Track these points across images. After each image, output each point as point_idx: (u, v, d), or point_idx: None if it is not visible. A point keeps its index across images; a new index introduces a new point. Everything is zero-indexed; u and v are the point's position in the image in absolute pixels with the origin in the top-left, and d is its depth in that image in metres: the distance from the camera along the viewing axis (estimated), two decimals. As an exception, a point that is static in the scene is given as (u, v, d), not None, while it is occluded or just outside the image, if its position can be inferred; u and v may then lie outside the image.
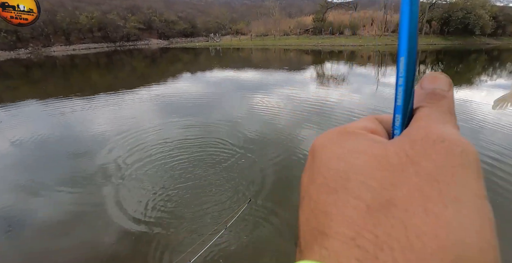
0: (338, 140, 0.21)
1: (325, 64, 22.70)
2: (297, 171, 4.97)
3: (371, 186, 0.17)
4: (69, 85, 15.69)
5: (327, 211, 0.17)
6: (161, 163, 5.27)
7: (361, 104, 9.56)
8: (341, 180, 0.18)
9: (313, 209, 0.18)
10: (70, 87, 14.71)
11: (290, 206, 4.02)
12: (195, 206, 4.05)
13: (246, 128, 6.96)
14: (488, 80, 15.50)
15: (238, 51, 38.93)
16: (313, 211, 0.18)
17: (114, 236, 3.49)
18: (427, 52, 31.48)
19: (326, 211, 0.17)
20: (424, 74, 0.25)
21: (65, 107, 9.59)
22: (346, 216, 0.17)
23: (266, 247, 3.31)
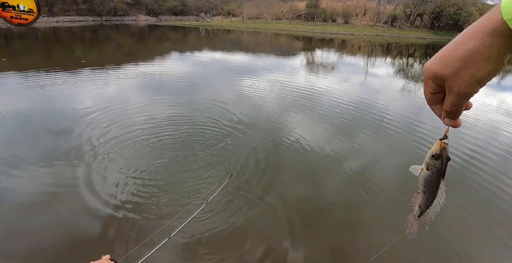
0: None
1: (316, 52, 22.58)
2: (278, 149, 5.00)
3: None
4: (51, 59, 15.04)
5: None
6: (145, 138, 5.19)
7: (348, 93, 9.60)
8: None
9: None
10: (52, 61, 14.11)
11: (270, 181, 4.06)
12: (176, 181, 4.04)
13: (233, 110, 6.90)
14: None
15: (229, 33, 38.12)
16: None
17: (92, 210, 3.45)
18: (416, 46, 31.73)
19: None
20: (411, 67, 0.27)
21: (46, 81, 9.21)
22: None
23: (248, 224, 3.34)
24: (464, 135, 6.44)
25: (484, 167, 5.15)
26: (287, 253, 3.06)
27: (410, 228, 0.75)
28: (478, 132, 6.75)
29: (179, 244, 3.07)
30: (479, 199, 4.30)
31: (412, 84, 12.47)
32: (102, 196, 3.74)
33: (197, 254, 2.99)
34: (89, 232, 3.17)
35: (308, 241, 3.25)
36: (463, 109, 0.51)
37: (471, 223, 3.77)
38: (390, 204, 4.05)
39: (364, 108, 7.96)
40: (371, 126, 6.71)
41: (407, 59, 21.57)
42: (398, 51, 26.42)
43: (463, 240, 3.45)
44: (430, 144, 5.86)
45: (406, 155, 5.50)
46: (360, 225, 3.59)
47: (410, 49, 28.70)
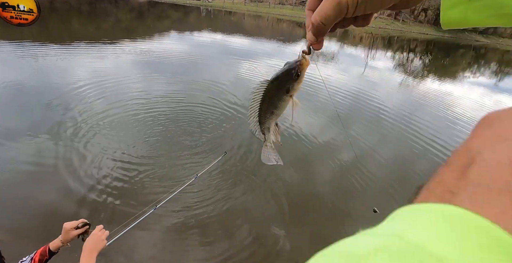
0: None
1: (317, 40, 22.27)
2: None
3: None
4: (46, 30, 14.60)
5: None
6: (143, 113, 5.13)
7: (347, 83, 9.56)
8: None
9: None
10: (48, 33, 13.70)
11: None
12: (169, 156, 4.02)
13: (232, 92, 6.83)
14: (470, 76, 15.88)
15: (230, 15, 37.35)
16: None
17: (76, 186, 3.43)
18: (417, 41, 31.57)
19: None
20: (411, 62, 0.25)
21: (40, 52, 8.96)
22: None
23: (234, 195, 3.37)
24: (460, 134, 6.51)
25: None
26: (274, 236, 3.10)
27: (271, 157, 0.64)
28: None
29: (166, 215, 3.09)
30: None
31: (411, 79, 12.46)
32: (90, 172, 3.71)
33: (184, 227, 3.02)
34: (72, 208, 3.16)
35: (296, 226, 3.29)
36: (328, 28, 0.45)
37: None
38: (381, 193, 4.10)
39: (361, 100, 7.96)
40: (367, 118, 6.73)
41: (407, 54, 21.48)
42: (399, 46, 26.27)
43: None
44: (425, 137, 5.93)
45: (400, 147, 5.54)
46: (350, 213, 3.64)
47: (411, 44, 28.54)
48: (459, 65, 19.32)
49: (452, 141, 5.96)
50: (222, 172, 3.99)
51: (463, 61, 21.65)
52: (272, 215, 3.41)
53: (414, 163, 5.12)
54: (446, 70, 16.71)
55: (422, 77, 13.33)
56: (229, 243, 2.96)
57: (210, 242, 2.93)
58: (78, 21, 19.87)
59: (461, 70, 17.68)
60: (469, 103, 9.51)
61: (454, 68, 17.63)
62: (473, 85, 13.35)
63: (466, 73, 16.95)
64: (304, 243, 3.09)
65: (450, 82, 12.99)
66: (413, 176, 4.71)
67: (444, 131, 6.53)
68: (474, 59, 23.37)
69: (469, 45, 34.70)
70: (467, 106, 8.96)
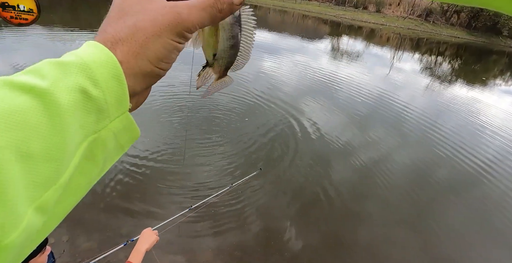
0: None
1: (343, 38, 21.82)
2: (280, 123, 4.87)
3: (129, 12, 0.31)
4: (76, 18, 14.90)
5: (110, 22, 0.31)
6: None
7: (370, 84, 9.26)
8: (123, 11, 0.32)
9: (107, 22, 0.32)
10: (78, 20, 13.98)
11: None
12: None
13: (252, 86, 6.71)
14: (502, 84, 15.14)
15: (256, 8, 37.04)
16: (107, 21, 0.32)
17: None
18: (448, 44, 30.39)
19: (109, 22, 0.31)
20: (440, 66, 0.25)
21: (68, 37, 9.12)
22: (114, 28, 0.30)
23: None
24: (486, 143, 6.18)
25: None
26: (286, 234, 3.01)
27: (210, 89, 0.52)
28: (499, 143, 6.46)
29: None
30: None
31: (437, 84, 11.97)
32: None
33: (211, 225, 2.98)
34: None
35: (307, 223, 3.18)
36: None
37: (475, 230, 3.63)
38: (396, 199, 3.93)
39: (383, 102, 7.68)
40: (388, 121, 6.48)
41: (436, 57, 20.69)
42: (427, 48, 25.34)
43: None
44: (448, 146, 5.63)
45: (419, 154, 5.30)
46: (363, 215, 3.49)
47: (441, 47, 27.51)
48: (491, 72, 18.45)
49: (478, 148, 5.66)
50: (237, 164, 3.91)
51: (495, 68, 20.65)
52: (282, 210, 3.30)
53: (434, 168, 4.88)
54: (476, 76, 15.98)
55: (450, 82, 12.79)
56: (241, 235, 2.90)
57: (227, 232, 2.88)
58: (106, 10, 20.16)
59: (492, 77, 16.87)
60: (498, 112, 9.03)
61: (484, 75, 16.84)
62: (504, 93, 12.70)
63: (498, 80, 16.15)
64: (315, 240, 2.98)
65: (479, 89, 12.40)
66: (432, 182, 4.49)
67: (470, 139, 6.21)
68: (507, 67, 22.25)
69: (503, 51, 33.09)
70: (495, 115, 8.52)
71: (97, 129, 0.27)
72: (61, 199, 0.25)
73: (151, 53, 0.31)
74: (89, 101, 0.26)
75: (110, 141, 0.29)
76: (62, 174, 0.24)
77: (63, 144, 0.24)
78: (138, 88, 0.32)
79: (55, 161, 0.23)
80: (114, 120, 0.29)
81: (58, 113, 0.23)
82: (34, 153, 0.22)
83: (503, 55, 30.00)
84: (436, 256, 3.15)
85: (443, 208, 4.00)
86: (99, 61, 0.27)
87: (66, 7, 17.40)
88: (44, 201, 0.23)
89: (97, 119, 0.27)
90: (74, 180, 0.26)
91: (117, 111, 0.28)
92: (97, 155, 0.28)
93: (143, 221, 2.93)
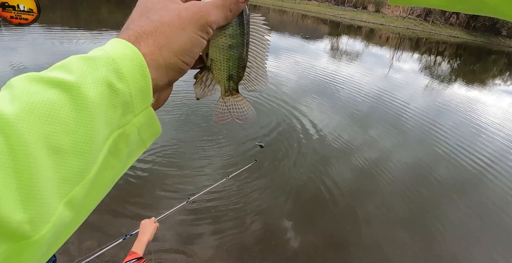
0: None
1: (342, 38, 21.83)
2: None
3: (154, 14, 0.32)
4: (75, 17, 14.89)
5: (133, 20, 0.33)
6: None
7: (369, 84, 9.26)
8: (146, 10, 0.33)
9: (130, 21, 0.34)
10: (77, 20, 13.96)
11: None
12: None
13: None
14: (501, 84, 15.17)
15: (255, 8, 37.06)
16: (130, 20, 0.34)
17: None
18: (447, 44, 30.44)
19: (134, 20, 0.33)
20: (439, 65, 0.25)
21: (67, 37, 9.11)
22: (138, 24, 0.32)
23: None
24: (485, 142, 6.19)
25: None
26: (286, 233, 3.01)
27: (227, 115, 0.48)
28: (499, 141, 6.47)
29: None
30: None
31: (436, 83, 11.99)
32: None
33: (206, 217, 2.97)
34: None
35: (308, 224, 3.18)
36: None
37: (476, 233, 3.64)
38: (397, 198, 3.93)
39: (382, 102, 7.68)
40: (388, 121, 6.48)
41: (435, 57, 20.72)
42: (427, 48, 25.37)
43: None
44: (448, 145, 5.64)
45: (419, 154, 5.30)
46: (363, 215, 3.49)
47: (440, 47, 27.54)
48: (490, 72, 18.48)
49: (477, 147, 5.67)
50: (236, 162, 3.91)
51: (494, 68, 20.68)
52: (284, 211, 3.30)
53: (435, 167, 4.88)
54: (475, 76, 16.00)
55: (449, 82, 12.80)
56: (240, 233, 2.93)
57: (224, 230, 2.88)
58: (107, 9, 20.17)
59: (491, 77, 16.90)
60: (497, 111, 9.04)
61: (484, 75, 16.86)
62: (503, 93, 12.73)
63: (497, 80, 16.17)
64: (314, 239, 2.99)
65: (478, 89, 12.42)
66: (433, 181, 4.49)
67: (469, 138, 6.22)
68: (507, 67, 22.28)
69: (502, 51, 33.14)
70: (495, 114, 8.54)
71: (122, 124, 0.27)
72: (88, 194, 0.25)
73: (176, 45, 0.32)
74: (115, 95, 0.26)
75: (134, 136, 0.29)
76: (90, 168, 0.24)
77: (91, 138, 0.23)
78: (161, 82, 0.32)
79: (84, 155, 0.23)
80: (138, 115, 0.29)
81: (86, 107, 0.23)
82: (63, 147, 0.22)
83: (502, 55, 30.04)
84: (438, 253, 3.15)
85: (444, 206, 4.00)
86: (123, 54, 0.28)
87: (66, 7, 17.38)
88: (73, 196, 0.23)
89: (123, 113, 0.27)
90: (100, 175, 0.26)
91: (141, 105, 0.29)
92: (121, 150, 0.28)
93: (142, 217, 2.93)
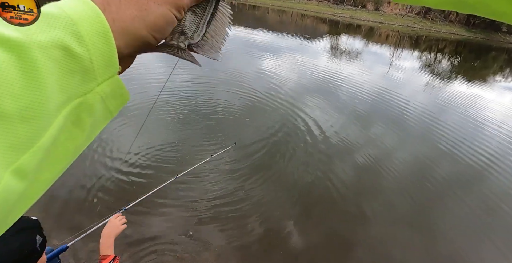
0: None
1: (341, 37, 21.83)
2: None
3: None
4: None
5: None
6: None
7: (370, 82, 9.27)
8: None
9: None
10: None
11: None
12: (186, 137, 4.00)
13: (253, 85, 6.73)
14: (502, 81, 15.14)
15: (254, 9, 37.11)
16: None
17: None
18: (447, 41, 30.39)
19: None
20: (439, 63, 0.25)
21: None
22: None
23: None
24: (487, 139, 6.19)
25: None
26: (289, 232, 3.02)
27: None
28: (500, 138, 6.47)
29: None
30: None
31: (437, 81, 11.98)
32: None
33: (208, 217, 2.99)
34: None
35: (310, 221, 3.19)
36: None
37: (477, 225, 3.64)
38: (400, 196, 3.94)
39: (383, 100, 7.69)
40: (389, 119, 6.49)
41: (435, 54, 20.70)
42: (427, 45, 25.36)
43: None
44: (451, 141, 5.64)
45: (421, 151, 5.31)
46: (365, 214, 3.50)
47: (440, 45, 27.51)
48: (490, 69, 18.44)
49: (479, 144, 5.67)
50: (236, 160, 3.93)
51: (495, 64, 20.65)
52: (285, 208, 3.32)
53: (436, 165, 4.89)
54: (475, 73, 15.98)
55: (449, 79, 12.79)
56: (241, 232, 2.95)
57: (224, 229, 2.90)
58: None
59: (492, 73, 16.87)
60: (498, 107, 9.03)
61: (484, 72, 16.84)
62: (504, 89, 12.70)
63: (497, 77, 16.14)
64: (315, 238, 3.00)
65: (479, 85, 12.41)
66: (436, 178, 4.50)
67: (471, 135, 6.22)
68: (507, 63, 22.24)
69: (502, 47, 33.07)
70: (497, 110, 8.53)
71: (83, 92, 0.25)
72: (45, 164, 0.24)
73: (151, 19, 0.30)
74: (72, 60, 0.24)
75: (97, 105, 0.27)
76: (40, 136, 0.22)
77: (40, 104, 0.22)
78: (126, 51, 0.30)
79: (32, 122, 0.21)
80: (103, 84, 0.27)
81: (34, 70, 0.21)
82: (8, 112, 0.20)
83: (502, 51, 29.98)
84: (443, 250, 3.16)
85: (449, 202, 4.01)
86: (84, 15, 0.25)
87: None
88: (22, 164, 0.21)
89: (83, 80, 0.25)
90: (60, 145, 0.25)
91: (105, 73, 0.26)
92: (84, 120, 0.26)
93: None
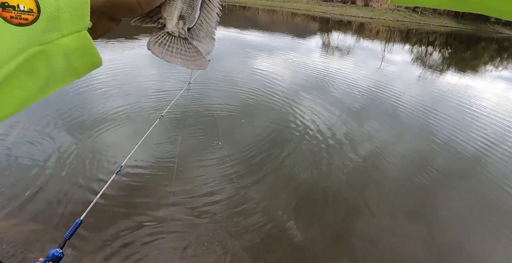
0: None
1: (332, 34, 21.96)
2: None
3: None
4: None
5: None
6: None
7: (363, 77, 9.37)
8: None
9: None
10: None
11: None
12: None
13: (246, 86, 6.80)
14: (493, 70, 15.33)
15: (244, 10, 37.17)
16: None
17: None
18: (437, 34, 30.64)
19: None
20: (430, 55, 0.25)
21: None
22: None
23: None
24: (481, 129, 6.30)
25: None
26: (289, 228, 3.08)
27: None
28: (494, 126, 6.59)
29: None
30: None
31: (429, 73, 12.12)
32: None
33: (208, 217, 3.04)
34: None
35: (308, 218, 3.26)
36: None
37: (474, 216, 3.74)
38: (396, 191, 4.02)
39: (378, 94, 7.79)
40: (384, 113, 6.58)
41: (426, 47, 20.88)
42: (417, 39, 25.56)
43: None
44: (446, 132, 5.73)
45: (417, 144, 5.40)
46: (363, 209, 3.58)
47: (430, 37, 27.74)
48: (481, 59, 18.65)
49: (474, 135, 5.77)
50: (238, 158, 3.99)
51: (485, 54, 20.87)
52: (287, 206, 3.39)
53: (433, 157, 4.98)
54: (466, 63, 16.17)
55: (441, 71, 12.94)
56: (242, 233, 2.97)
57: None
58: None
59: (482, 64, 17.06)
60: (491, 97, 9.18)
61: (475, 62, 17.03)
62: (495, 79, 12.88)
63: (488, 67, 16.34)
64: (314, 234, 3.06)
65: (471, 76, 12.57)
66: (431, 170, 4.58)
67: (465, 125, 6.33)
68: (497, 53, 22.49)
69: (492, 37, 33.38)
70: (489, 99, 8.67)
71: (43, 41, 0.24)
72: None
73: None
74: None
75: (57, 58, 0.25)
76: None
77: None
78: (104, 9, 0.27)
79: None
80: (67, 36, 0.25)
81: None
82: None
83: (492, 41, 30.27)
84: (442, 241, 3.24)
85: (446, 194, 4.09)
86: None
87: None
88: None
89: (45, 29, 0.24)
90: (6, 90, 0.23)
91: (72, 25, 0.25)
92: (39, 69, 0.25)
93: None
